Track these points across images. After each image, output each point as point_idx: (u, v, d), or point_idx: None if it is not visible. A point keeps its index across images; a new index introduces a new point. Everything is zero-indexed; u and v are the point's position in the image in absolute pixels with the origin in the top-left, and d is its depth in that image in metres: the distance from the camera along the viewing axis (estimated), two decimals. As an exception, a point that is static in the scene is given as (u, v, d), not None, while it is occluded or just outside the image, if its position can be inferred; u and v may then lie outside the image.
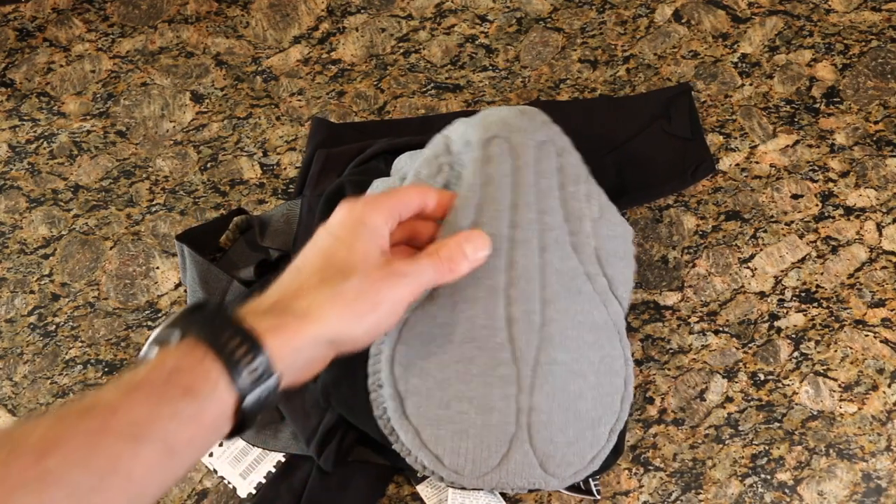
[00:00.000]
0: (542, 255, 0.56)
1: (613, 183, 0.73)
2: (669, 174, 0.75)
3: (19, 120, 0.82)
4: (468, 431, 0.54)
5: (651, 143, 0.76)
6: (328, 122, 0.78)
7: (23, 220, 0.77)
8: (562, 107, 0.79)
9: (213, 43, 0.85)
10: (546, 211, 0.57)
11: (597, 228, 0.58)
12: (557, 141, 0.60)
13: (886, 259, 0.73)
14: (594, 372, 0.56)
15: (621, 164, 0.75)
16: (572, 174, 0.59)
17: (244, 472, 0.65)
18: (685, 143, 0.76)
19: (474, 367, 0.54)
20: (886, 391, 0.67)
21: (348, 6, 0.87)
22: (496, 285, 0.55)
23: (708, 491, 0.64)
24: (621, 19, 0.85)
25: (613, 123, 0.77)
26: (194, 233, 0.73)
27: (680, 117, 0.77)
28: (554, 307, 0.55)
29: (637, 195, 0.74)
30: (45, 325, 0.72)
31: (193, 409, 0.39)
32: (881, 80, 0.81)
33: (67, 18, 0.87)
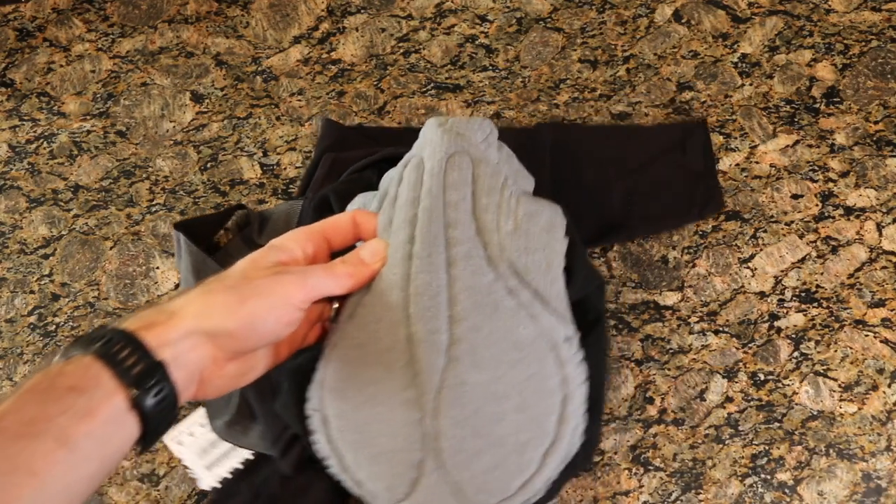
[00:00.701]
0: (449, 270, 0.53)
1: (618, 212, 0.73)
2: (677, 208, 0.74)
3: (19, 120, 0.82)
4: (380, 457, 0.52)
5: (662, 174, 0.75)
6: (338, 124, 0.78)
7: (23, 220, 0.77)
8: (576, 129, 0.78)
9: (213, 43, 0.85)
10: (453, 224, 0.53)
11: (512, 241, 0.54)
12: (473, 152, 0.56)
13: (886, 259, 0.73)
14: (518, 392, 0.52)
15: (629, 193, 0.74)
16: (486, 185, 0.55)
17: (210, 464, 0.65)
18: (697, 177, 0.75)
19: (382, 390, 0.52)
20: (886, 391, 0.67)
21: (348, 6, 0.87)
22: (394, 303, 0.52)
23: (708, 491, 0.64)
24: (621, 19, 0.85)
25: (626, 151, 0.76)
26: (193, 223, 0.73)
27: (695, 150, 0.76)
28: (464, 325, 0.52)
29: (641, 225, 0.73)
30: (45, 325, 0.72)
31: (83, 404, 0.40)
32: (881, 80, 0.81)
33: (67, 18, 0.87)
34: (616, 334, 0.70)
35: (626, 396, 0.68)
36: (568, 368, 0.53)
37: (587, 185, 0.74)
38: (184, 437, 0.66)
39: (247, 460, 0.65)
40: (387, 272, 0.53)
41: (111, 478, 0.66)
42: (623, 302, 0.72)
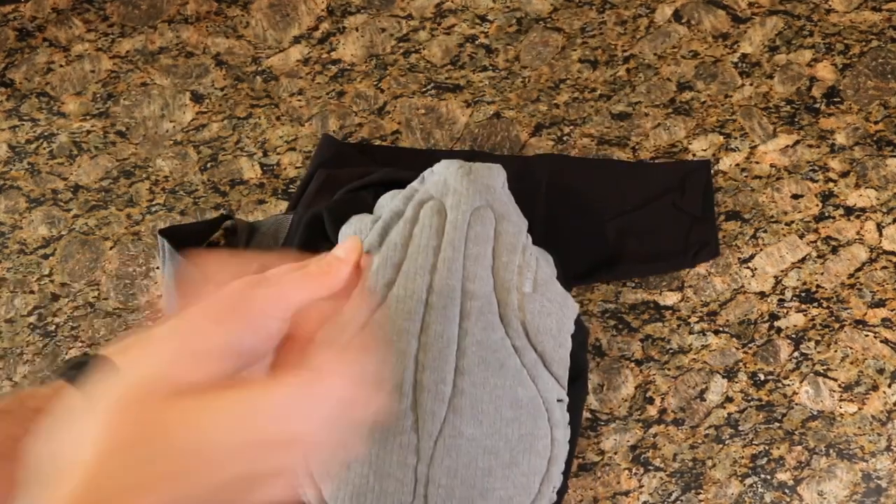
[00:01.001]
0: (462, 323, 0.53)
1: (611, 250, 0.72)
2: (671, 251, 0.72)
3: (19, 120, 0.82)
4: (366, 495, 0.53)
5: (658, 215, 0.74)
6: (336, 140, 0.78)
7: (23, 220, 0.77)
8: (574, 162, 0.77)
9: (213, 43, 0.85)
10: (472, 278, 0.54)
11: (527, 302, 0.55)
12: (498, 207, 0.56)
13: (886, 259, 0.73)
14: (510, 450, 0.53)
15: (623, 232, 0.73)
16: (509, 243, 0.56)
17: None
18: (694, 221, 0.74)
19: (377, 431, 0.52)
20: (886, 391, 0.67)
21: (348, 6, 0.87)
22: (407, 349, 0.53)
23: (708, 491, 0.64)
24: (621, 19, 0.85)
25: (624, 188, 0.75)
26: (179, 230, 0.72)
27: (693, 194, 0.75)
28: (469, 379, 0.52)
29: (632, 267, 0.72)
30: (45, 325, 0.72)
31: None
32: (881, 80, 0.81)
33: (67, 18, 0.87)
34: (616, 334, 0.70)
35: (626, 396, 0.68)
36: (557, 431, 0.55)
37: (581, 221, 0.74)
38: None
39: None
40: (397, 316, 0.53)
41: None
42: (623, 302, 0.72)
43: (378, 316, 0.53)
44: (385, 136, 0.79)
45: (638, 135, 0.79)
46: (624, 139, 0.79)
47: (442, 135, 0.79)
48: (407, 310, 0.53)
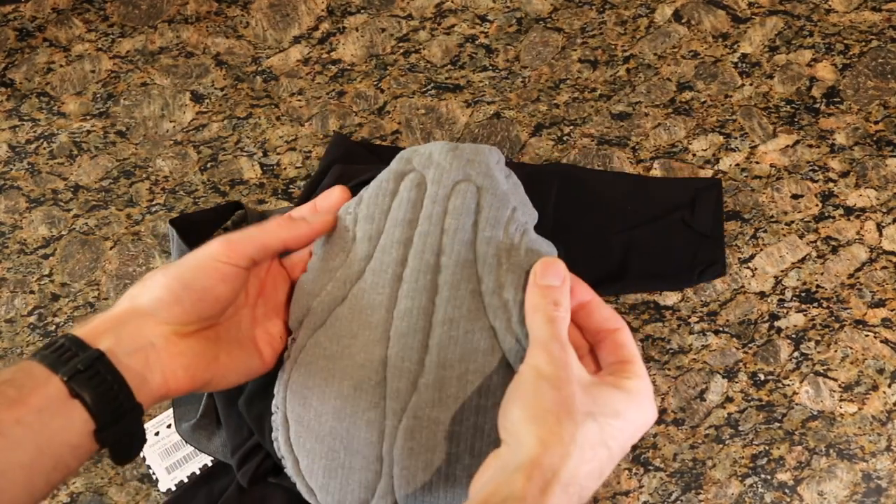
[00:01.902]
0: (435, 298, 0.51)
1: (616, 264, 0.71)
2: (677, 268, 0.72)
3: (19, 120, 0.82)
4: (336, 471, 0.52)
5: (666, 232, 0.73)
6: (347, 139, 0.78)
7: (23, 220, 0.77)
8: (585, 173, 0.76)
9: (213, 43, 0.85)
10: (447, 252, 0.52)
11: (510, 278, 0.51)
12: (480, 180, 0.53)
13: (886, 259, 0.73)
14: (479, 439, 0.51)
15: (630, 247, 0.72)
16: (491, 217, 0.53)
17: (171, 466, 0.65)
18: (702, 239, 0.73)
19: (348, 405, 0.51)
20: (886, 391, 0.67)
21: (348, 6, 0.87)
22: (376, 322, 0.52)
23: (708, 491, 0.64)
24: (621, 19, 0.85)
25: (633, 202, 0.75)
26: (189, 219, 0.72)
27: (704, 212, 0.74)
28: (435, 357, 0.51)
29: (637, 282, 0.72)
30: (45, 325, 0.72)
31: (12, 394, 0.40)
32: (881, 80, 0.81)
33: (67, 18, 0.87)
34: (616, 334, 0.70)
35: (626, 396, 0.68)
36: None
37: (588, 233, 0.73)
38: (150, 435, 0.66)
39: (205, 466, 0.65)
40: (371, 290, 0.52)
41: (111, 478, 0.66)
42: (623, 302, 0.72)
43: (355, 290, 0.53)
44: (385, 136, 0.79)
45: (638, 135, 0.79)
46: (624, 139, 0.79)
47: (442, 135, 0.79)
48: (381, 284, 0.52)
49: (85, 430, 0.42)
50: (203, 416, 0.64)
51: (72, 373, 0.42)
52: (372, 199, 0.54)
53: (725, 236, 0.74)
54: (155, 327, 0.46)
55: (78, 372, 0.42)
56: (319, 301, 0.53)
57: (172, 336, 0.46)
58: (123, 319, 0.45)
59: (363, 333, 0.52)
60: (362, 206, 0.54)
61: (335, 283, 0.53)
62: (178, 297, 0.46)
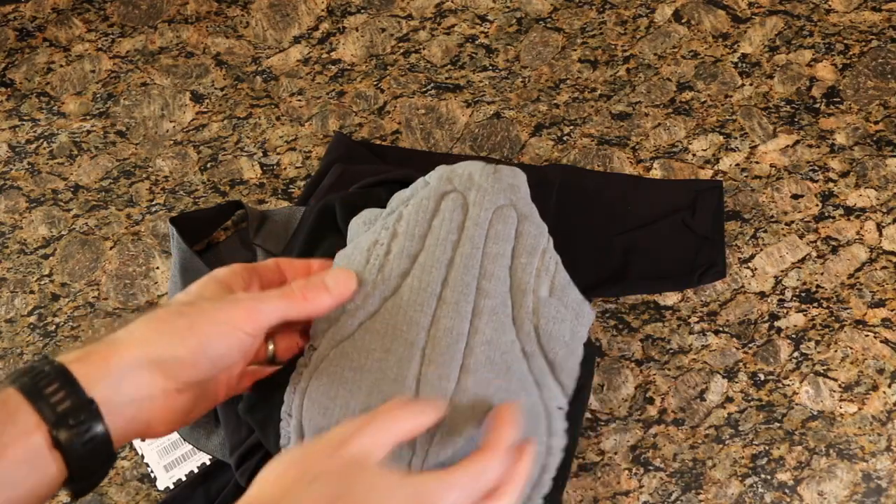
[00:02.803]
0: (473, 320, 0.52)
1: (617, 265, 0.71)
2: (677, 270, 0.71)
3: (19, 120, 0.82)
4: None
5: (667, 233, 0.73)
6: (348, 139, 0.78)
7: (23, 220, 0.77)
8: (587, 175, 0.76)
9: (213, 43, 0.85)
10: (488, 276, 0.53)
11: (542, 307, 0.54)
12: (521, 207, 0.55)
13: (886, 259, 0.73)
14: None
15: (630, 248, 0.72)
16: (529, 245, 0.55)
17: (169, 465, 0.65)
18: (702, 241, 0.72)
19: None
20: (886, 391, 0.67)
21: (348, 6, 0.87)
22: (415, 341, 0.52)
23: (708, 491, 0.64)
24: (621, 19, 0.85)
25: (634, 203, 0.74)
26: (190, 217, 0.72)
27: (704, 213, 0.73)
28: (473, 377, 0.52)
29: (638, 283, 0.71)
30: (45, 325, 0.72)
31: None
32: (881, 80, 0.81)
33: (67, 18, 0.87)
34: (616, 334, 0.70)
35: (626, 396, 0.68)
36: (554, 439, 0.53)
37: (589, 234, 0.73)
38: None
39: (203, 465, 0.65)
40: (409, 307, 0.52)
41: (111, 478, 0.66)
42: (623, 302, 0.72)
43: (390, 305, 0.53)
44: (385, 136, 0.79)
45: (638, 135, 0.79)
46: (624, 139, 0.79)
47: (442, 135, 0.79)
48: (419, 302, 0.52)
49: (57, 481, 0.40)
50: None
51: (60, 423, 0.39)
52: (412, 216, 0.54)
53: (725, 236, 0.74)
54: (160, 381, 0.44)
55: (66, 425, 0.39)
56: (348, 313, 0.53)
57: (173, 392, 0.45)
58: (131, 365, 0.43)
59: (398, 349, 0.52)
60: (402, 222, 0.55)
61: (367, 296, 0.53)
62: (196, 361, 0.45)
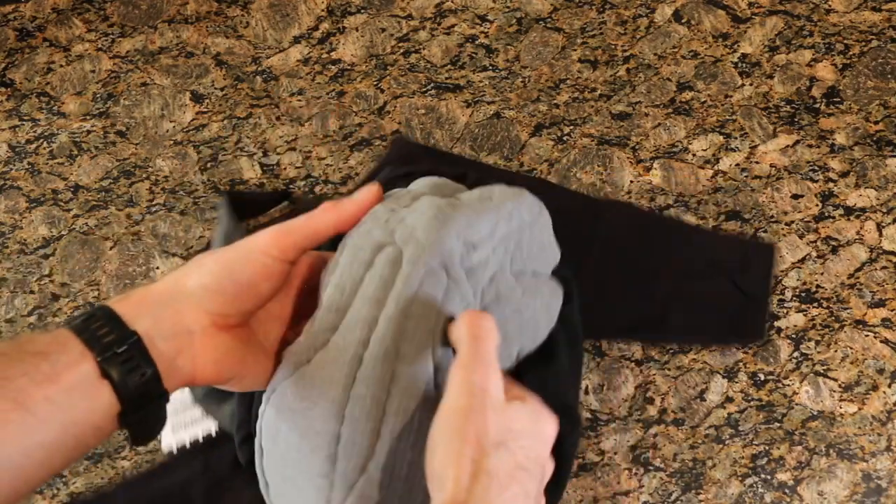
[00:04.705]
0: (390, 387, 0.50)
1: (656, 312, 0.69)
2: (715, 326, 0.70)
3: (19, 120, 0.82)
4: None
5: (712, 288, 0.71)
6: (410, 141, 0.78)
7: (23, 220, 0.77)
8: (640, 215, 0.74)
9: (213, 43, 0.85)
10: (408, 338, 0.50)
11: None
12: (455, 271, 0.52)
13: (886, 259, 0.73)
14: None
15: (673, 296, 0.70)
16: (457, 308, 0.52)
17: (175, 426, 0.65)
18: (747, 302, 0.70)
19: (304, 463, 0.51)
20: (886, 391, 0.67)
21: (348, 6, 0.87)
22: (333, 397, 0.50)
23: (708, 491, 0.64)
24: (621, 19, 0.85)
25: (683, 251, 0.72)
26: (242, 196, 0.72)
27: (755, 275, 0.71)
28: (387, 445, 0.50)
29: (673, 334, 0.69)
30: (45, 325, 0.72)
31: (46, 368, 0.40)
32: (881, 80, 0.81)
33: (67, 18, 0.87)
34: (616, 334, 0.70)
35: (626, 396, 0.68)
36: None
37: (633, 276, 0.71)
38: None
39: (209, 434, 0.65)
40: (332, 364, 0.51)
41: (111, 478, 0.66)
42: (623, 302, 0.72)
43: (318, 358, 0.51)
44: (385, 136, 0.79)
45: (638, 135, 0.79)
46: (624, 139, 0.79)
47: (442, 135, 0.79)
48: (342, 361, 0.50)
49: (110, 412, 0.42)
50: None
51: (107, 353, 0.41)
52: (346, 268, 0.52)
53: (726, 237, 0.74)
54: (196, 314, 0.45)
55: (113, 354, 0.41)
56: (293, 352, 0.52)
57: (210, 327, 0.46)
58: (165, 300, 0.44)
59: (322, 403, 0.51)
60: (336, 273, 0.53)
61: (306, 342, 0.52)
62: (223, 287, 0.46)
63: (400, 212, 0.55)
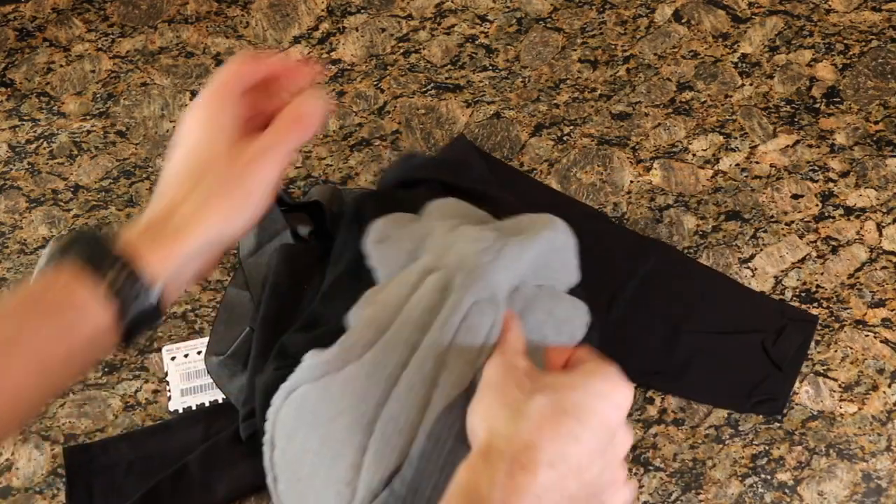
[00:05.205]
0: (423, 411, 0.51)
1: (678, 362, 0.68)
2: (735, 389, 0.67)
3: (19, 120, 0.82)
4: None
5: (740, 348, 0.68)
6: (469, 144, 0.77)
7: (23, 220, 0.77)
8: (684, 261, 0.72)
9: (213, 43, 0.85)
10: (450, 369, 0.51)
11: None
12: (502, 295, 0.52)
13: (886, 259, 0.73)
14: None
15: (698, 349, 0.68)
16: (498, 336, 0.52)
17: (185, 390, 0.67)
18: (773, 371, 0.67)
19: (324, 468, 0.52)
20: (886, 391, 0.67)
21: (348, 6, 0.87)
22: (364, 411, 0.51)
23: (708, 491, 0.64)
24: (621, 19, 0.85)
25: (721, 306, 0.70)
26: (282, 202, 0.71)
27: (788, 344, 0.68)
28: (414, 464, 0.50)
29: (690, 387, 0.67)
30: (45, 325, 0.72)
31: (65, 323, 0.41)
32: (881, 80, 0.81)
33: (67, 18, 0.87)
34: (616, 334, 0.70)
35: (626, 396, 0.68)
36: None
37: (662, 320, 0.69)
38: (179, 355, 0.68)
39: (214, 402, 0.66)
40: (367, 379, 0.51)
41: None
42: (623, 302, 0.72)
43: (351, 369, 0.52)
44: (385, 135, 0.79)
45: (638, 135, 0.79)
46: (624, 139, 0.79)
47: (442, 135, 0.79)
48: (378, 377, 0.51)
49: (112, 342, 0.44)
50: (233, 354, 0.64)
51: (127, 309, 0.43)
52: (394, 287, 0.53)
53: (725, 237, 0.74)
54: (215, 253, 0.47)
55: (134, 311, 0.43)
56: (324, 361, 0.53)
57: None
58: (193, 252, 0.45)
59: (350, 414, 0.51)
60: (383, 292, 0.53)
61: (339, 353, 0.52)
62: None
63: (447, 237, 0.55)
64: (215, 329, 0.67)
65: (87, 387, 0.69)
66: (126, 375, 0.69)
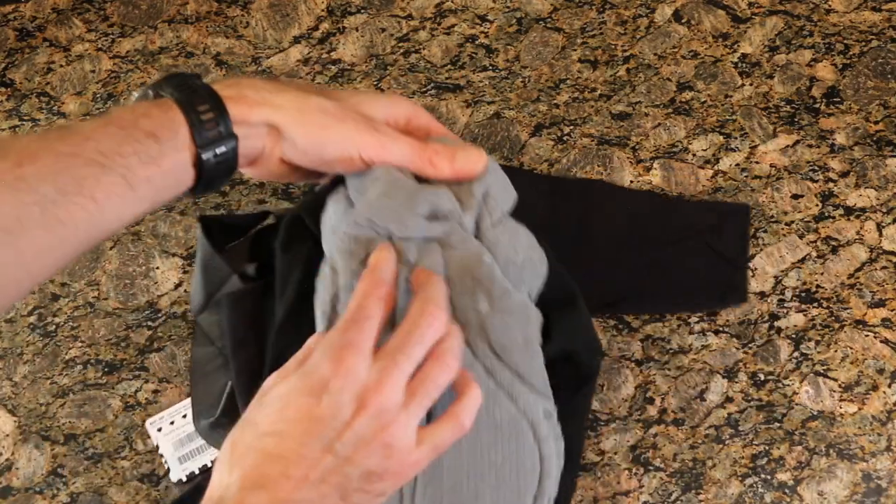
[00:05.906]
0: None
1: (638, 283, 0.70)
2: (699, 291, 0.71)
3: (19, 120, 0.82)
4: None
5: (691, 254, 0.72)
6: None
7: (23, 220, 0.77)
8: (611, 190, 0.75)
9: (213, 43, 0.85)
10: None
11: (490, 320, 0.52)
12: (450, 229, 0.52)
13: (886, 259, 0.73)
14: (496, 472, 0.52)
15: (653, 266, 0.71)
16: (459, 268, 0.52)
17: (183, 457, 0.65)
18: (726, 264, 0.71)
19: None
20: (886, 391, 0.67)
21: (348, 6, 0.87)
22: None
23: (708, 491, 0.64)
24: (621, 19, 0.85)
25: (660, 222, 0.73)
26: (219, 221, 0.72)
27: (731, 236, 0.72)
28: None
29: (654, 301, 0.71)
30: (45, 325, 0.72)
31: (154, 151, 0.44)
32: (881, 80, 0.81)
33: (67, 18, 0.87)
34: (616, 334, 0.70)
35: (626, 396, 0.68)
36: (546, 446, 0.53)
37: (611, 250, 0.72)
38: (165, 424, 0.67)
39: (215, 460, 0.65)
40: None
41: (111, 478, 0.66)
42: (623, 302, 0.72)
43: None
44: (385, 136, 0.79)
45: (638, 135, 0.79)
46: (624, 139, 0.79)
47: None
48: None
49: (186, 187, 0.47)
50: (222, 414, 0.64)
51: (207, 151, 0.45)
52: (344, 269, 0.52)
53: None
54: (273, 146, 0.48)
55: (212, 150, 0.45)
56: None
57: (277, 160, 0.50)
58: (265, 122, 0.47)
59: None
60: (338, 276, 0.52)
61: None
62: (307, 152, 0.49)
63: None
64: (194, 393, 0.64)
65: (87, 387, 0.69)
66: (126, 375, 0.69)
